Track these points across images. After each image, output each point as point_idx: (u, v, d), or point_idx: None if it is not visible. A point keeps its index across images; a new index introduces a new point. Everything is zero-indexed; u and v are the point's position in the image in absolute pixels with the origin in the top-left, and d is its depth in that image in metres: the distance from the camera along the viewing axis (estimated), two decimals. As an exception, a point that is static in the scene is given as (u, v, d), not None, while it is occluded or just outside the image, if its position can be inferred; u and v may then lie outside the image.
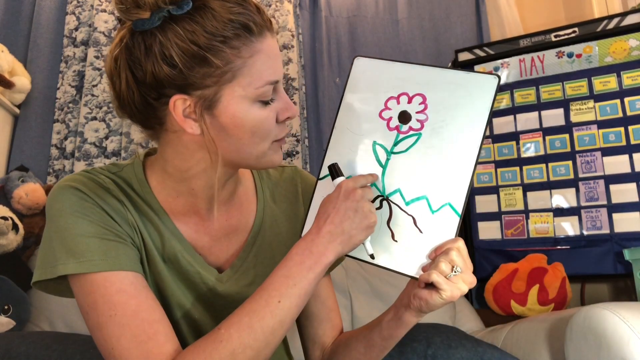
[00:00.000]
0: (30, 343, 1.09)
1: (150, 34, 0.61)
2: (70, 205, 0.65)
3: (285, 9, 2.17)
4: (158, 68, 0.61)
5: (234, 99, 0.64)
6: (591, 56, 1.95)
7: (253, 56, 0.63)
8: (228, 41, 0.61)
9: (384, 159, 0.68)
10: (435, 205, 0.65)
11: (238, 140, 0.66)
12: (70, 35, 2.11)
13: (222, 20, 0.61)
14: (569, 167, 1.89)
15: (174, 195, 0.73)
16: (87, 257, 0.63)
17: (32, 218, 1.74)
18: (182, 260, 0.72)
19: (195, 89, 0.63)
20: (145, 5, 0.61)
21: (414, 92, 0.67)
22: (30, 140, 1.98)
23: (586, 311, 0.98)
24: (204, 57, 0.61)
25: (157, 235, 0.71)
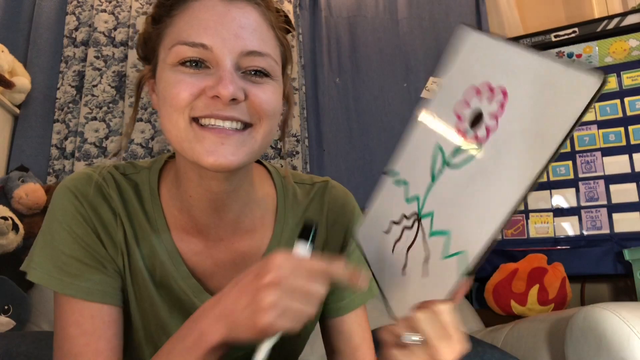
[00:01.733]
0: (30, 343, 1.09)
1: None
2: (62, 214, 0.61)
3: (285, 9, 2.17)
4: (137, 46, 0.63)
5: (161, 63, 0.57)
6: (591, 56, 1.95)
7: (180, 16, 0.56)
8: (167, 3, 0.57)
9: (438, 169, 0.54)
10: (449, 249, 0.50)
11: (160, 111, 0.58)
12: (70, 36, 2.11)
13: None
14: (569, 167, 1.89)
15: (178, 207, 0.65)
16: (58, 275, 0.60)
17: (32, 218, 1.74)
18: (174, 287, 0.64)
19: (148, 58, 0.62)
20: None
21: (498, 84, 0.51)
22: (30, 140, 1.98)
23: (586, 311, 0.98)
24: (150, 22, 0.59)
25: (151, 256, 0.64)
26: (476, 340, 1.16)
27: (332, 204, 0.73)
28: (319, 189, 0.74)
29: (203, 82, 0.54)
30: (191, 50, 0.54)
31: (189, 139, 0.54)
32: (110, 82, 2.07)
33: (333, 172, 2.13)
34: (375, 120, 2.18)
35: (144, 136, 2.01)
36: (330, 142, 2.16)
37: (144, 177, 0.67)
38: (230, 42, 0.54)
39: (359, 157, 2.15)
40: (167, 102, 0.55)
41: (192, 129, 0.54)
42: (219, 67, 0.54)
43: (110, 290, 0.62)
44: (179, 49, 0.54)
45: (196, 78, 0.54)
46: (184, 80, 0.54)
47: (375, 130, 2.17)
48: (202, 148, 0.54)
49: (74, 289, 0.59)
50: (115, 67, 2.09)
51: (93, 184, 0.63)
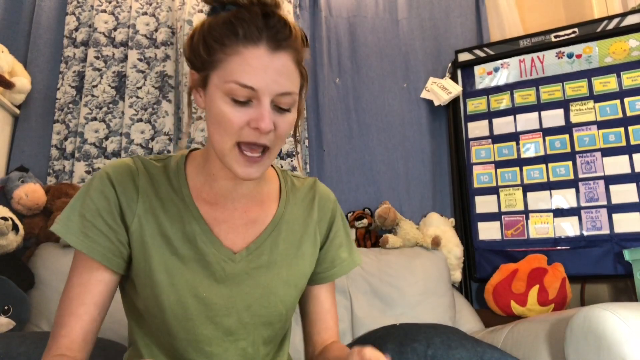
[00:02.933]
0: (31, 343, 1.09)
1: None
2: (94, 188, 0.78)
3: (285, 9, 2.17)
4: (185, 48, 0.77)
5: (213, 85, 0.73)
6: (591, 56, 1.95)
7: (233, 55, 0.70)
8: (220, 37, 0.71)
9: None
10: None
11: (210, 125, 0.75)
12: (70, 36, 2.11)
13: (227, 20, 0.71)
14: (569, 168, 1.89)
15: (202, 181, 0.82)
16: (76, 232, 0.76)
17: (32, 219, 1.74)
18: (199, 241, 0.80)
19: (198, 69, 0.75)
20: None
21: None
22: (30, 141, 1.98)
23: (586, 311, 0.98)
24: (202, 45, 0.73)
25: (177, 219, 0.80)
26: (476, 341, 1.16)
27: (320, 192, 0.94)
28: (310, 182, 0.95)
29: (247, 115, 0.71)
30: (242, 90, 0.70)
31: (230, 156, 0.73)
32: (110, 82, 2.07)
33: (333, 172, 2.13)
34: (375, 120, 2.18)
35: (144, 136, 2.01)
36: (330, 142, 2.16)
37: (172, 160, 0.85)
38: (270, 86, 0.70)
39: (359, 157, 2.15)
40: (221, 126, 0.72)
41: (234, 151, 0.73)
42: (260, 104, 0.71)
43: (112, 257, 0.77)
44: (233, 86, 0.70)
45: (243, 112, 0.71)
46: (235, 114, 0.71)
47: (375, 130, 2.17)
48: (237, 166, 0.74)
49: (83, 245, 0.75)
50: (115, 68, 2.09)
51: (124, 168, 0.80)
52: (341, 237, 0.93)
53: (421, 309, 1.66)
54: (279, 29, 0.71)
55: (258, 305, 0.82)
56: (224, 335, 0.81)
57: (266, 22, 0.70)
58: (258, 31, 0.70)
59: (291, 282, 0.85)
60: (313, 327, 0.91)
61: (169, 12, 2.17)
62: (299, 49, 0.74)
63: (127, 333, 0.89)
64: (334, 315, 0.93)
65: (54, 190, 1.79)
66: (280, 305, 0.84)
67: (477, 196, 2.01)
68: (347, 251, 0.94)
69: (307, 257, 0.87)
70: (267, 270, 0.82)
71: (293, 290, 0.86)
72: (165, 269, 0.78)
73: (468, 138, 2.08)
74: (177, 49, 2.10)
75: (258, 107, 0.71)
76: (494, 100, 2.08)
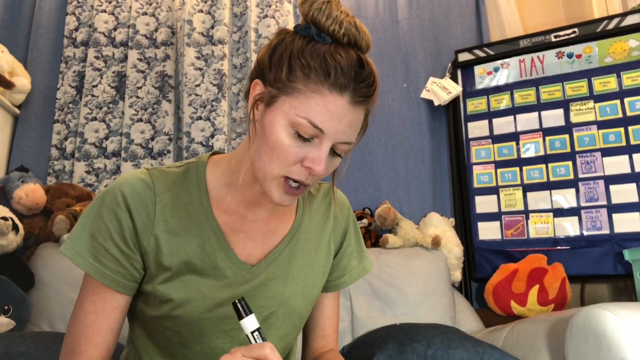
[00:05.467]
0: (30, 343, 1.09)
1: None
2: (107, 208, 0.75)
3: (285, 9, 2.17)
4: (263, 54, 0.74)
5: (281, 109, 0.69)
6: (591, 56, 1.95)
7: (314, 93, 0.68)
8: (308, 69, 0.68)
9: None
10: None
11: (262, 146, 0.71)
12: (70, 36, 2.11)
13: (320, 54, 0.68)
14: (569, 168, 1.89)
15: (225, 191, 0.80)
16: (87, 256, 0.74)
17: (32, 219, 1.74)
18: (217, 256, 0.78)
19: (269, 84, 0.71)
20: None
21: None
22: (30, 141, 1.98)
23: (586, 311, 0.98)
24: (285, 65, 0.70)
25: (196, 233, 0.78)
26: (476, 341, 1.16)
27: (338, 202, 0.92)
28: (326, 188, 0.93)
29: (304, 152, 0.69)
30: (311, 129, 0.68)
31: (272, 183, 0.72)
32: (110, 82, 2.07)
33: (333, 173, 2.13)
34: (375, 120, 2.18)
35: (144, 136, 2.01)
36: (330, 143, 2.16)
37: (192, 166, 0.82)
38: (338, 135, 0.69)
39: (359, 157, 2.15)
40: (275, 153, 0.69)
41: (277, 180, 0.71)
42: (320, 146, 0.69)
43: (124, 281, 0.75)
44: (304, 122, 0.67)
45: (302, 148, 0.69)
46: (294, 149, 0.69)
47: (375, 131, 2.17)
48: (276, 193, 0.72)
49: (95, 271, 0.73)
50: (115, 68, 2.09)
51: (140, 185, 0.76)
52: (353, 245, 0.93)
53: (421, 309, 1.66)
54: (366, 86, 0.69)
55: (275, 318, 0.81)
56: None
57: (358, 73, 0.68)
58: (348, 81, 0.68)
59: (306, 293, 0.84)
60: (311, 333, 0.92)
61: (169, 12, 2.17)
62: (373, 103, 0.73)
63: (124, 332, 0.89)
64: (335, 322, 0.92)
65: (54, 190, 1.79)
66: (296, 317, 0.84)
67: (477, 196, 2.01)
68: (358, 258, 0.93)
69: (321, 268, 0.87)
70: (284, 282, 0.81)
71: (308, 302, 0.85)
72: (183, 286, 0.76)
73: (468, 138, 2.08)
74: (177, 49, 2.10)
75: (318, 149, 0.69)
76: (494, 100, 2.08)
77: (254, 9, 2.17)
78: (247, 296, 0.78)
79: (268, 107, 0.71)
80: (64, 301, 1.53)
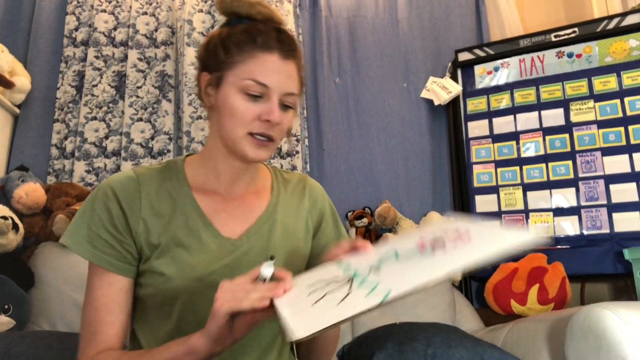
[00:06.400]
0: (30, 343, 1.09)
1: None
2: (98, 202, 0.84)
3: (285, 9, 2.17)
4: (201, 51, 0.89)
5: (229, 83, 0.84)
6: (591, 56, 1.95)
7: (250, 58, 0.83)
8: (239, 42, 0.83)
9: (385, 259, 0.70)
10: (375, 291, 0.64)
11: (223, 118, 0.84)
12: (70, 35, 2.11)
13: (245, 30, 0.84)
14: (569, 167, 1.89)
15: (202, 178, 0.91)
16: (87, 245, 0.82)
17: (32, 218, 1.74)
18: (202, 233, 0.86)
19: (213, 70, 0.85)
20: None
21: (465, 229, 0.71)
22: (30, 140, 1.98)
23: (586, 311, 0.98)
24: (221, 48, 0.84)
25: (180, 214, 0.87)
26: (476, 340, 1.16)
27: (310, 184, 1.03)
28: (299, 175, 1.04)
29: (259, 108, 0.83)
30: (257, 87, 0.82)
31: (242, 142, 0.83)
32: (110, 82, 2.07)
33: (333, 172, 2.13)
34: (375, 120, 2.18)
35: (143, 136, 2.01)
36: (330, 142, 2.16)
37: (170, 162, 0.93)
38: (280, 86, 0.83)
39: (359, 157, 2.15)
40: (235, 118, 0.82)
41: (245, 139, 0.83)
42: (270, 100, 0.83)
43: (122, 265, 0.83)
44: (250, 83, 0.82)
45: (255, 106, 0.82)
46: (248, 107, 0.82)
47: (375, 130, 2.17)
48: (249, 149, 0.84)
49: (95, 257, 0.81)
50: (115, 67, 2.09)
51: (126, 179, 0.86)
52: (330, 226, 1.00)
53: (421, 308, 1.66)
54: (288, 42, 0.85)
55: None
56: None
57: (279, 35, 0.84)
58: (272, 41, 0.83)
59: (289, 262, 0.90)
60: None
61: (169, 11, 2.17)
62: (300, 61, 0.89)
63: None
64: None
65: (54, 190, 1.79)
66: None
67: (477, 195, 2.01)
68: (336, 238, 1.00)
69: (301, 240, 0.94)
70: (265, 251, 0.88)
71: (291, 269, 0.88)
72: (172, 260, 0.83)
73: (468, 137, 2.08)
74: (177, 49, 2.10)
75: (269, 103, 0.82)
76: (494, 99, 2.08)
77: (254, 9, 2.17)
78: (232, 266, 0.85)
79: (218, 87, 0.85)
80: (63, 300, 1.53)
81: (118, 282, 0.82)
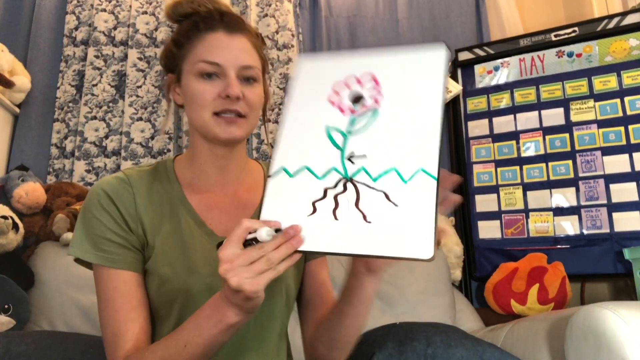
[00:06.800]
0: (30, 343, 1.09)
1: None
2: (93, 207, 0.83)
3: (285, 9, 2.17)
4: (161, 57, 0.92)
5: (186, 73, 0.86)
6: (591, 56, 1.95)
7: (197, 42, 0.85)
8: (186, 33, 0.86)
9: (340, 141, 0.65)
10: (407, 174, 0.61)
11: (188, 107, 0.86)
12: (70, 35, 2.11)
13: (190, 22, 0.87)
14: (569, 167, 1.89)
15: (191, 176, 0.90)
16: (93, 250, 0.81)
17: (32, 217, 1.74)
18: (195, 233, 0.85)
19: (172, 68, 0.89)
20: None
21: (362, 72, 0.67)
22: (30, 140, 1.98)
23: (586, 310, 0.98)
24: (173, 44, 0.88)
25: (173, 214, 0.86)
26: (476, 340, 1.16)
27: None
28: None
29: (217, 87, 0.83)
30: (209, 67, 0.83)
31: (210, 124, 0.83)
32: (110, 81, 2.07)
33: (333, 172, 2.13)
34: (375, 119, 2.18)
35: (144, 135, 2.01)
36: (330, 142, 2.16)
37: (159, 164, 0.93)
38: (232, 61, 0.83)
39: (359, 156, 2.15)
40: (196, 102, 0.83)
41: (213, 119, 0.83)
42: (226, 77, 0.83)
43: (134, 261, 0.82)
44: (201, 65, 0.83)
45: (213, 85, 0.83)
46: (205, 88, 0.82)
47: (375, 130, 2.17)
48: (218, 129, 0.83)
49: (106, 260, 0.80)
50: (115, 67, 2.08)
51: (116, 181, 0.86)
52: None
53: (421, 308, 1.66)
54: (232, 20, 0.86)
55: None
56: None
57: (222, 16, 0.86)
58: (215, 22, 0.85)
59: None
60: (309, 305, 0.93)
61: (169, 11, 2.16)
62: (254, 37, 0.88)
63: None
64: (329, 287, 0.95)
65: (54, 189, 1.79)
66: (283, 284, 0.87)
67: (477, 195, 2.01)
68: None
69: None
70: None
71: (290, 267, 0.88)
72: (168, 263, 0.82)
73: (468, 137, 2.08)
74: (177, 48, 2.10)
75: (225, 79, 0.83)
76: (494, 99, 2.08)
77: (254, 8, 2.17)
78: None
79: (179, 81, 0.87)
80: (64, 300, 1.53)
81: (135, 279, 0.81)
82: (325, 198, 0.64)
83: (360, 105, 0.66)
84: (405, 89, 0.65)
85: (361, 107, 0.66)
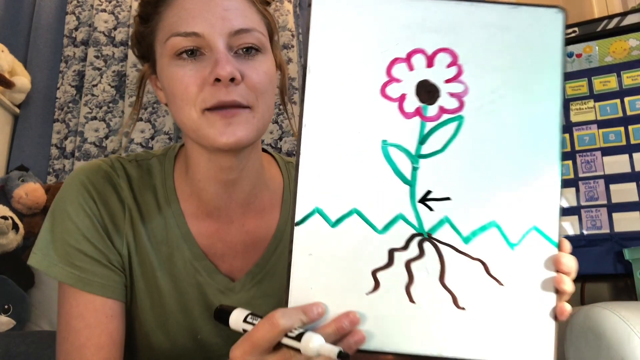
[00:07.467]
0: (30, 343, 1.09)
1: None
2: (70, 205, 0.62)
3: (285, 9, 2.17)
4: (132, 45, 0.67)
5: (159, 56, 0.61)
6: (591, 56, 1.95)
7: (166, 9, 0.59)
8: (153, 4, 0.61)
9: (408, 171, 0.41)
10: (513, 234, 0.40)
11: (171, 105, 0.61)
12: (70, 35, 2.11)
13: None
14: (569, 167, 1.89)
15: (188, 192, 0.67)
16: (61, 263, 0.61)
17: (32, 218, 1.74)
18: (189, 269, 0.65)
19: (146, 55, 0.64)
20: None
21: (436, 47, 0.40)
22: (30, 140, 1.98)
23: (586, 311, 0.98)
24: (139, 20, 0.63)
25: (162, 241, 0.65)
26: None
27: None
28: None
29: (203, 70, 0.56)
30: (185, 40, 0.56)
31: (203, 126, 0.57)
32: (110, 81, 2.07)
33: (333, 172, 2.12)
34: (375, 119, 2.17)
35: (144, 135, 2.01)
36: (330, 142, 2.15)
37: (156, 163, 0.69)
38: (218, 26, 0.56)
39: (359, 156, 2.14)
40: (177, 97, 0.57)
41: (204, 117, 0.57)
42: (213, 51, 0.56)
43: (113, 284, 0.62)
44: (174, 40, 0.57)
45: (196, 68, 0.57)
46: (186, 73, 0.56)
47: (375, 130, 2.16)
48: (215, 131, 0.56)
49: (77, 280, 0.60)
50: (115, 67, 2.09)
51: (103, 176, 0.64)
52: None
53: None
54: None
55: None
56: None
57: None
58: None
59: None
60: None
61: (169, 11, 2.17)
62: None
63: None
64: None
65: (54, 190, 1.79)
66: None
67: (477, 195, 2.00)
68: None
69: None
70: (272, 300, 0.66)
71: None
72: (152, 309, 0.64)
73: (468, 137, 2.08)
74: (177, 49, 2.10)
75: (212, 54, 0.56)
76: (494, 99, 2.08)
77: (254, 9, 2.17)
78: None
79: (156, 70, 0.63)
80: (64, 300, 1.53)
81: (106, 308, 0.61)
82: (392, 266, 0.41)
83: (435, 107, 0.41)
84: (501, 82, 0.41)
85: (437, 109, 0.41)
